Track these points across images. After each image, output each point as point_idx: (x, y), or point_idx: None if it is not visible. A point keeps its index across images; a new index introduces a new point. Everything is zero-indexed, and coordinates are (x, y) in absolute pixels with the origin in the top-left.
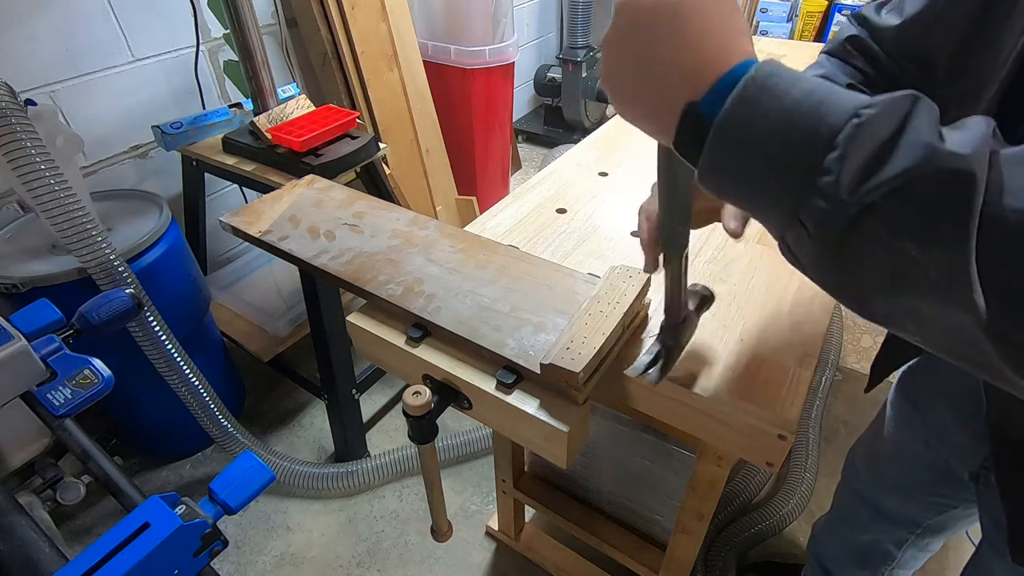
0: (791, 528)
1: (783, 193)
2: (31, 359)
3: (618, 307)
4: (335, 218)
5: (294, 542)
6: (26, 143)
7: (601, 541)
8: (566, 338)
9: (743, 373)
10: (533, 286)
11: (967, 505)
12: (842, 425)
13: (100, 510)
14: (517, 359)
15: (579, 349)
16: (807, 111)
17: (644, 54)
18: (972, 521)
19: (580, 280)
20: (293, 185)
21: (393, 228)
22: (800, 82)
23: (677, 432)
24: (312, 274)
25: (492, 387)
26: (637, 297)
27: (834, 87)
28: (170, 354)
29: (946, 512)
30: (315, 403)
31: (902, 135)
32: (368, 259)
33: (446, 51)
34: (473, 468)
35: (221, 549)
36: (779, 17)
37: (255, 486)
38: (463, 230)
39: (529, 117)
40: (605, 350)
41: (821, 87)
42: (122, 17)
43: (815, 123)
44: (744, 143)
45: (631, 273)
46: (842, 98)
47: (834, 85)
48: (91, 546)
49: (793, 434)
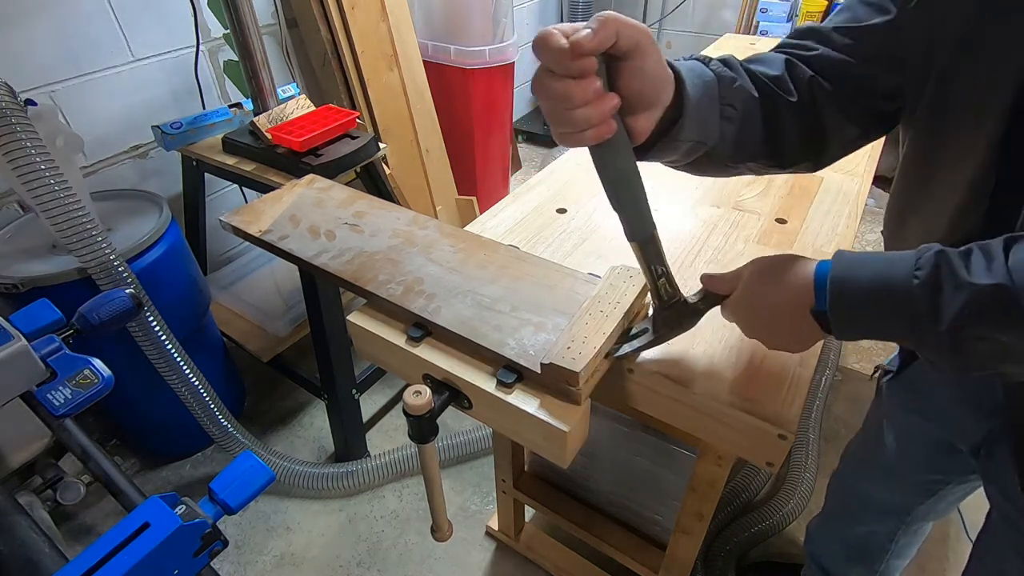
0: (791, 528)
1: (900, 333)
2: (31, 359)
3: (618, 307)
4: (335, 218)
5: (294, 542)
6: (26, 143)
7: (601, 541)
8: (567, 338)
9: (743, 373)
10: (533, 286)
11: (960, 479)
12: (842, 425)
13: (100, 510)
14: (517, 359)
15: (579, 349)
16: (879, 284)
17: (771, 297)
18: (961, 496)
19: (580, 280)
20: (293, 185)
21: (393, 228)
22: (859, 266)
23: (677, 432)
24: (312, 273)
25: (492, 387)
26: (637, 297)
27: (877, 256)
28: (170, 354)
29: (937, 492)
30: (315, 403)
31: (949, 279)
32: (368, 259)
33: (446, 51)
34: (473, 468)
35: (221, 549)
36: (779, 17)
37: (255, 486)
38: (463, 230)
39: (529, 117)
40: (605, 350)
41: (873, 262)
42: (122, 17)
43: (888, 290)
44: (854, 316)
45: (631, 273)
46: (896, 267)
47: (875, 254)
48: (91, 546)
49: (793, 434)
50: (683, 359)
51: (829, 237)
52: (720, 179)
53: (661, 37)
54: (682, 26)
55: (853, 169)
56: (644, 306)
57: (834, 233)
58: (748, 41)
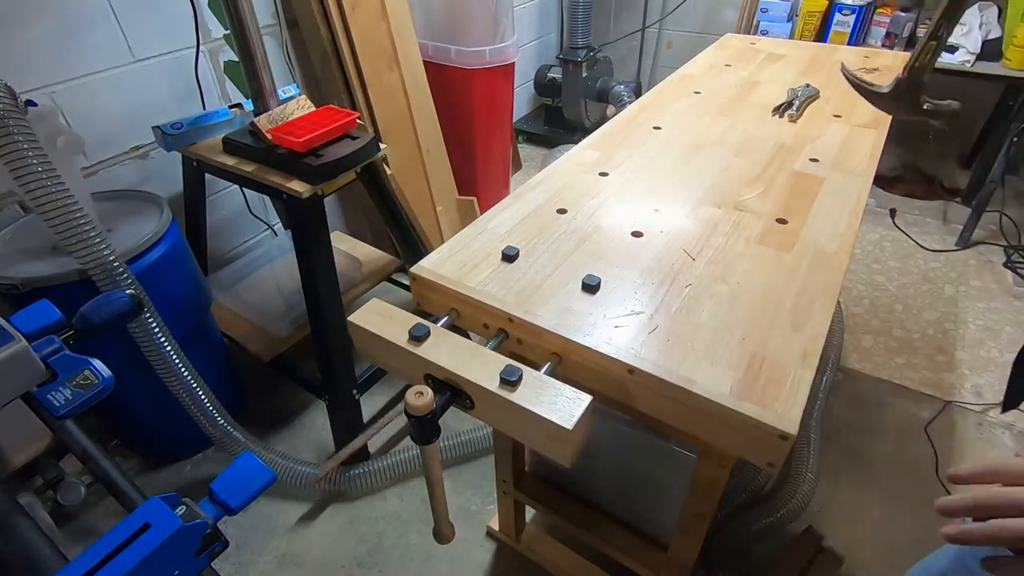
0: (792, 528)
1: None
2: (31, 359)
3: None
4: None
5: (295, 543)
6: (23, 145)
7: (602, 541)
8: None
9: (744, 373)
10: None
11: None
12: (843, 426)
13: (101, 511)
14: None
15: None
16: None
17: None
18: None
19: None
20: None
21: None
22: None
23: (678, 432)
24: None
25: (496, 385)
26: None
27: None
28: (168, 356)
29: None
30: (316, 403)
31: None
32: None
33: (446, 51)
34: (473, 468)
35: (222, 550)
36: (779, 17)
37: (256, 486)
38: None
39: (529, 117)
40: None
41: None
42: (122, 18)
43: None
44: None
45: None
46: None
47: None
48: (92, 547)
49: (795, 434)
50: (684, 360)
51: (830, 237)
52: (720, 180)
53: (661, 37)
54: (683, 26)
55: (854, 169)
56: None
57: (835, 233)
58: (749, 41)
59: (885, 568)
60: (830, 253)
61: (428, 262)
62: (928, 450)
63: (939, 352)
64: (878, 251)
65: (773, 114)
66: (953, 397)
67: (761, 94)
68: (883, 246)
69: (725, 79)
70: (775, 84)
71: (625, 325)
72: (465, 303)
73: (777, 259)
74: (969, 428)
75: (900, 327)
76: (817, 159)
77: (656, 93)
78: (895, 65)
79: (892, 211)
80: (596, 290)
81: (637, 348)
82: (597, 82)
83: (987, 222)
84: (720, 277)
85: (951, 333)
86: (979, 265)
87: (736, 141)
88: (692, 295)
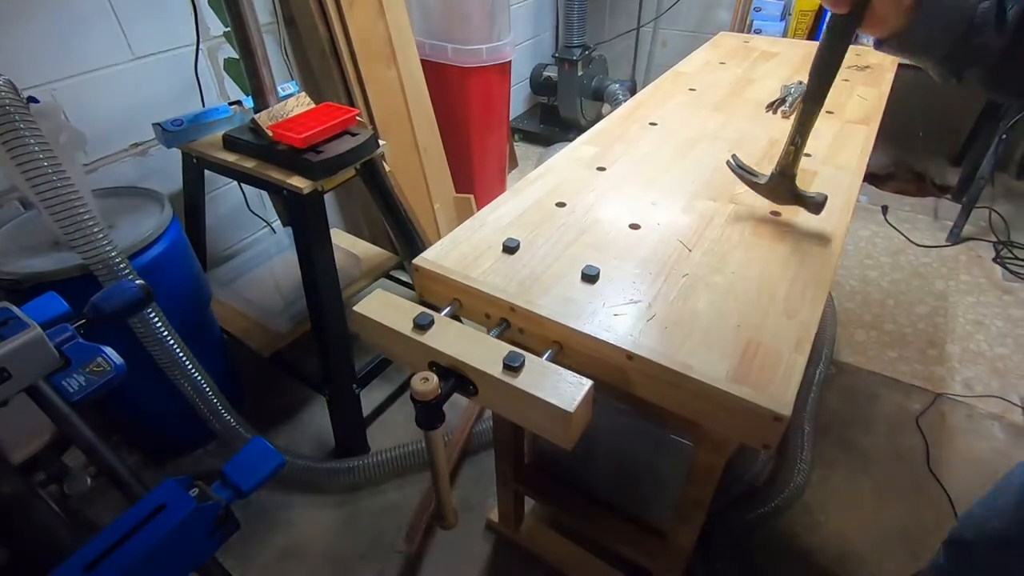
0: (786, 518)
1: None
2: (46, 347)
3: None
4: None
5: (296, 536)
6: (29, 139)
7: (601, 531)
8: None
9: (740, 359)
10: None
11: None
12: (836, 418)
13: (104, 507)
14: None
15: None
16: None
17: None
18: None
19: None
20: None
21: None
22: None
23: (675, 418)
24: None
25: (499, 371)
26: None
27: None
28: (172, 350)
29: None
30: (315, 399)
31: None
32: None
33: (443, 49)
34: (473, 462)
35: (235, 531)
36: (772, 16)
37: (266, 470)
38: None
39: (525, 116)
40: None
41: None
42: (122, 15)
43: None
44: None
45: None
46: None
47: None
48: (109, 526)
49: (788, 415)
50: (681, 346)
51: (822, 229)
52: (716, 174)
53: (656, 36)
54: (677, 25)
55: (845, 164)
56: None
57: (827, 225)
58: (743, 39)
59: (878, 555)
60: (822, 244)
61: (431, 254)
62: (919, 441)
63: (930, 345)
64: (870, 247)
65: (767, 110)
66: (944, 389)
67: (755, 91)
68: (875, 242)
69: (719, 76)
70: (769, 81)
71: (624, 313)
72: (468, 293)
73: (771, 250)
74: (959, 419)
75: (892, 321)
76: (810, 154)
77: (652, 90)
78: (885, 63)
79: (884, 208)
80: (595, 280)
81: (636, 335)
82: (592, 80)
83: (977, 218)
84: (716, 267)
85: (942, 327)
86: (969, 260)
87: (731, 136)
88: (689, 284)
